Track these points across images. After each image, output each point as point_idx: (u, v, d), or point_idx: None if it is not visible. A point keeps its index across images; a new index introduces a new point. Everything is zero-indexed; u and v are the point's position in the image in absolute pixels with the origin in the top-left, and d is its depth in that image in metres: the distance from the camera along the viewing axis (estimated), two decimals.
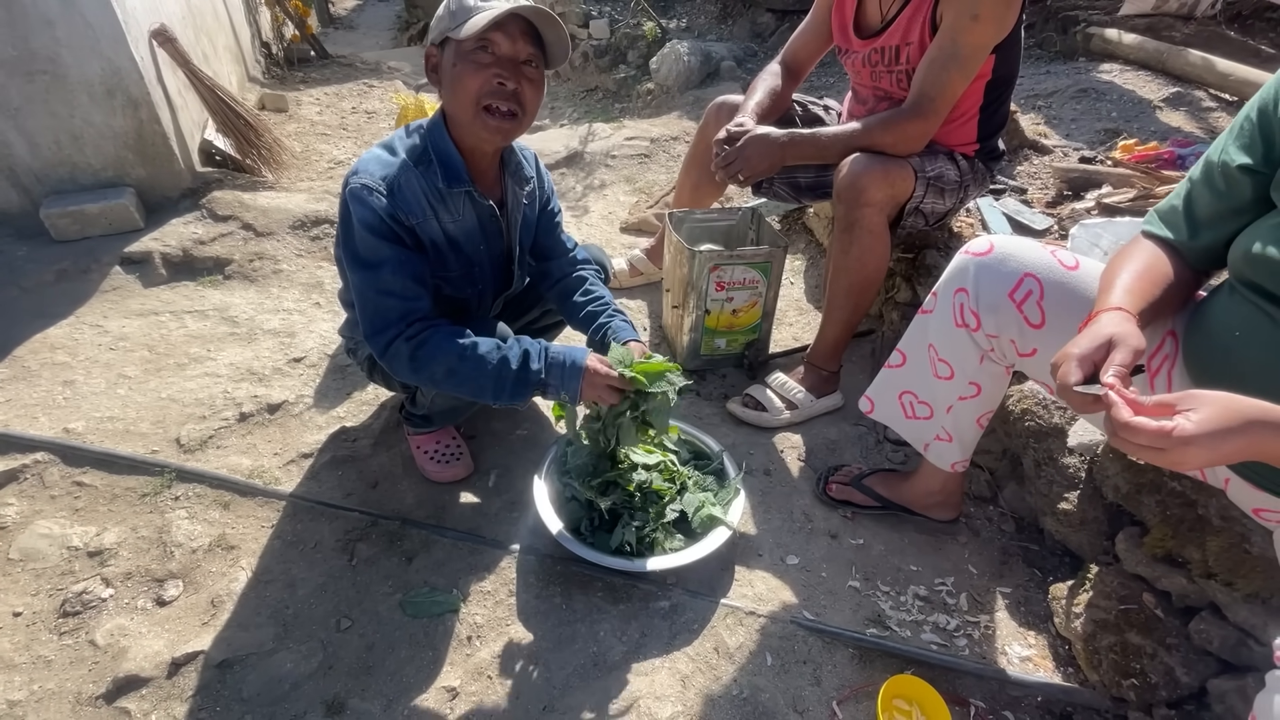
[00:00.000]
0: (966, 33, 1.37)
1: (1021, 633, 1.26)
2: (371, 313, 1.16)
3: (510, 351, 1.17)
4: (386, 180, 1.14)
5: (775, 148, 1.52)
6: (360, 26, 8.56)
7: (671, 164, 3.06)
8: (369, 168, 1.15)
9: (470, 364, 1.15)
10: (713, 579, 1.33)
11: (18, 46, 2.05)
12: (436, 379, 1.17)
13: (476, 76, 1.10)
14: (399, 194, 1.15)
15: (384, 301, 1.15)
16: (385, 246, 1.14)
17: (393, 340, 1.15)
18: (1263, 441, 0.65)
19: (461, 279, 1.29)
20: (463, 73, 1.11)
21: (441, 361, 1.15)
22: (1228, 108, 2.38)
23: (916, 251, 1.83)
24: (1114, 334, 0.79)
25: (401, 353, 1.14)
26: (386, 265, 1.14)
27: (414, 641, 1.22)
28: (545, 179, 1.45)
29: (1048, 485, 1.32)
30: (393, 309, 1.15)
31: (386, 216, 1.13)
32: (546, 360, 1.19)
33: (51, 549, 1.36)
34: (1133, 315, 0.83)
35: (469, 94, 1.12)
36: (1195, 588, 1.03)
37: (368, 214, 1.12)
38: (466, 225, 1.25)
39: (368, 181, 1.13)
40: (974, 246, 1.12)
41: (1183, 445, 0.65)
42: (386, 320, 1.15)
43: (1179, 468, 0.69)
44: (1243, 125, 0.87)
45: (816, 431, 1.70)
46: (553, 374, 1.19)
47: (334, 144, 3.38)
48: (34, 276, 2.12)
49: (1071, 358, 0.79)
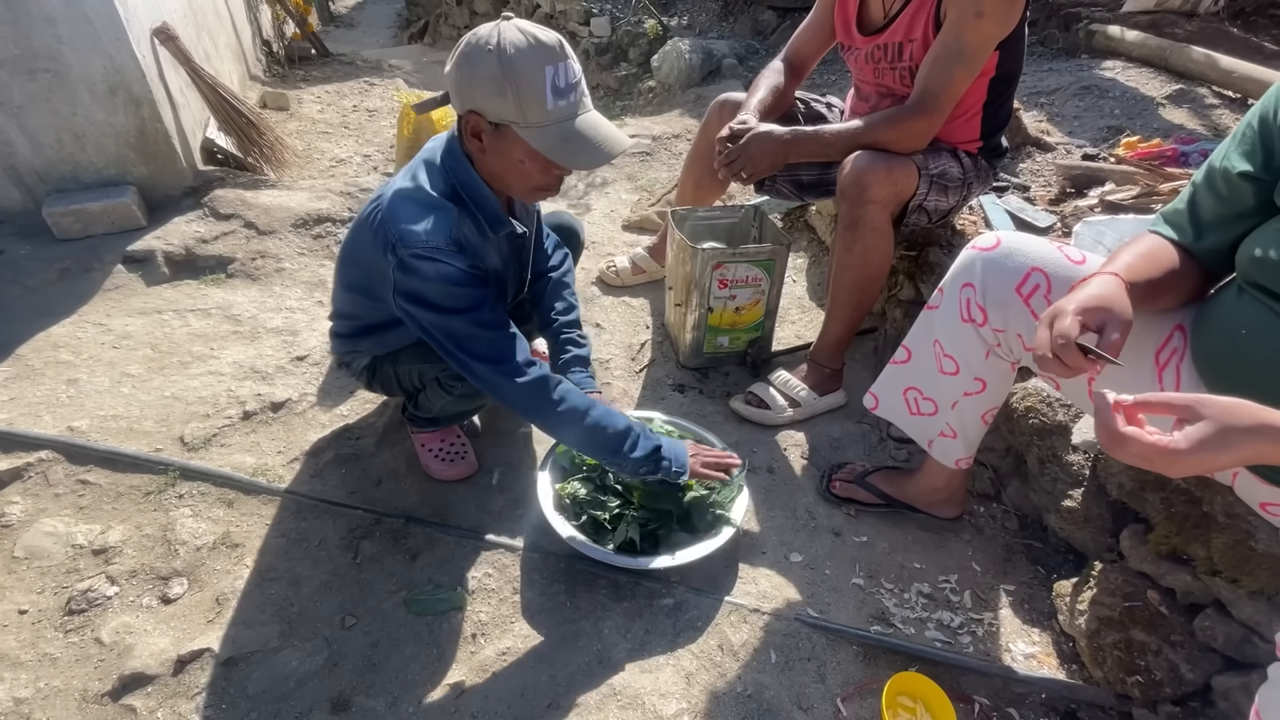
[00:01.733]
0: (970, 29, 1.37)
1: (1025, 630, 1.26)
2: (484, 348, 1.13)
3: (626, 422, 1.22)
4: (453, 238, 1.09)
5: (778, 145, 1.51)
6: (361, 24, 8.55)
7: (673, 162, 3.06)
8: (423, 229, 1.07)
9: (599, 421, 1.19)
10: (717, 576, 1.33)
11: (20, 45, 2.04)
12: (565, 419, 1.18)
13: (543, 177, 1.11)
14: (468, 246, 1.12)
15: (493, 335, 1.13)
16: (476, 290, 1.11)
17: (526, 366, 1.14)
18: (1259, 449, 0.65)
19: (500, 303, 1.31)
20: (531, 171, 1.09)
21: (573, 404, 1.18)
22: (1231, 105, 2.37)
23: (919, 249, 1.83)
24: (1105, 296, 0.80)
25: (544, 384, 1.15)
26: (484, 304, 1.12)
27: (418, 639, 1.22)
28: None
29: (1051, 482, 1.32)
30: (505, 339, 1.14)
31: (469, 269, 1.10)
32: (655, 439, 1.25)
33: (56, 547, 1.36)
34: (1124, 282, 0.84)
35: (530, 183, 1.12)
36: (1200, 585, 1.03)
37: (450, 271, 1.07)
38: (505, 256, 1.28)
39: (437, 244, 1.07)
40: (981, 242, 1.12)
41: (1172, 460, 0.66)
42: (505, 351, 1.13)
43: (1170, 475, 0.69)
44: (1244, 132, 0.87)
45: (820, 429, 1.70)
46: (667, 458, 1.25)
47: (335, 142, 3.38)
48: (37, 275, 2.12)
49: (1068, 313, 0.79)
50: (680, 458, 1.27)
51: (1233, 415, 0.66)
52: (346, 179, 2.85)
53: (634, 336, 2.02)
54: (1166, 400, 0.69)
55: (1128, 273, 0.86)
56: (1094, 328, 0.79)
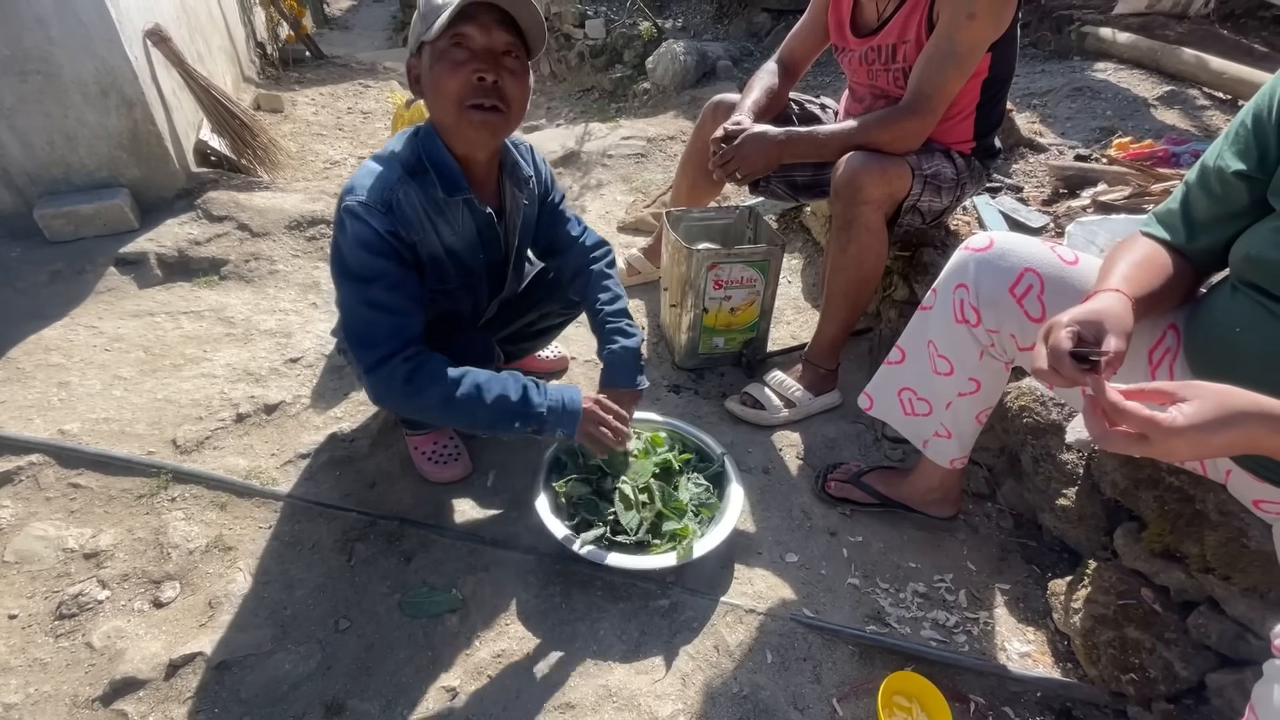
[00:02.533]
0: (963, 31, 1.38)
1: (1020, 629, 1.27)
2: (359, 326, 1.12)
3: (509, 384, 1.15)
4: (383, 197, 1.10)
5: (772, 146, 1.52)
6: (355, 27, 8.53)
7: (668, 163, 3.06)
8: (365, 183, 1.11)
9: (470, 393, 1.12)
10: (712, 577, 1.33)
11: (10, 46, 2.03)
12: (429, 406, 1.13)
13: (454, 75, 1.06)
14: (398, 210, 1.11)
15: (374, 315, 1.10)
16: (380, 262, 1.10)
17: (386, 358, 1.09)
18: (1254, 435, 0.65)
19: (460, 290, 1.28)
20: (440, 74, 1.06)
21: (439, 388, 1.11)
22: (1221, 106, 2.39)
23: (913, 249, 1.84)
24: (1104, 310, 0.79)
25: (397, 374, 1.09)
26: (380, 280, 1.10)
27: (413, 642, 1.21)
28: (544, 172, 1.41)
29: (1046, 481, 1.32)
30: (383, 324, 1.10)
31: (385, 233, 1.09)
32: (545, 397, 1.18)
33: (47, 551, 1.35)
34: (1129, 299, 0.83)
35: (450, 96, 1.07)
36: (1193, 582, 1.04)
37: (365, 230, 1.08)
38: (466, 236, 1.23)
39: (364, 199, 1.09)
40: (974, 243, 1.12)
41: (1168, 436, 0.65)
42: (375, 336, 1.10)
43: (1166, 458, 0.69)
44: (1238, 131, 0.87)
45: (815, 429, 1.70)
46: (551, 414, 1.17)
47: (330, 144, 3.37)
48: (28, 278, 2.11)
49: (1062, 325, 0.79)
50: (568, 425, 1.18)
51: (1228, 395, 0.66)
52: (340, 181, 2.85)
53: None
54: (1159, 387, 0.69)
55: (1130, 287, 0.85)
56: (1090, 339, 0.78)
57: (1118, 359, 0.76)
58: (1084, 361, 0.76)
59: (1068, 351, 0.76)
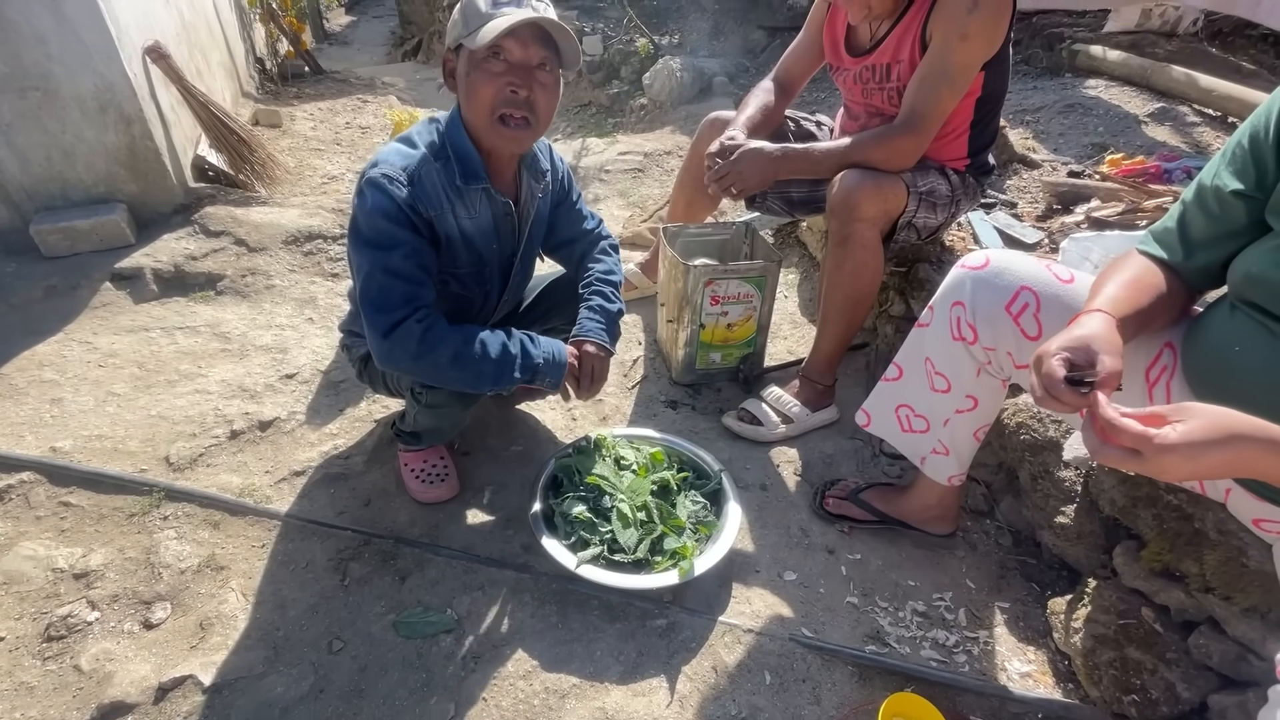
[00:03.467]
0: (956, 52, 1.39)
1: (1021, 648, 1.26)
2: (376, 292, 1.14)
3: (507, 339, 1.22)
4: (407, 171, 1.15)
5: (769, 162, 1.53)
6: (354, 42, 8.60)
7: (665, 178, 3.08)
8: (390, 158, 1.16)
9: (476, 348, 1.17)
10: (710, 596, 1.31)
11: (9, 63, 2.04)
12: (440, 363, 1.17)
13: (490, 85, 1.12)
14: (419, 185, 1.15)
15: (390, 282, 1.14)
16: (400, 231, 1.14)
17: (401, 320, 1.13)
18: (1250, 457, 0.65)
19: (470, 276, 1.30)
20: (477, 81, 1.12)
21: (449, 344, 1.16)
22: (1212, 122, 2.42)
23: (909, 265, 1.84)
24: (1091, 334, 0.79)
25: (411, 333, 1.13)
26: (399, 249, 1.14)
27: (407, 663, 1.20)
28: (560, 168, 1.44)
29: (1044, 499, 1.32)
30: (399, 290, 1.14)
31: (405, 205, 1.13)
32: (539, 346, 1.25)
33: (36, 571, 1.33)
34: (1114, 319, 0.84)
35: (484, 103, 1.13)
36: (1193, 602, 1.03)
37: (385, 201, 1.12)
38: (481, 222, 1.26)
39: (388, 171, 1.13)
40: (970, 260, 1.13)
41: (1161, 452, 0.66)
42: (391, 301, 1.14)
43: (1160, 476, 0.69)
44: (1235, 151, 0.87)
45: (812, 445, 1.69)
46: (546, 362, 1.25)
47: (328, 159, 3.38)
48: (22, 293, 2.10)
49: (1052, 354, 0.79)
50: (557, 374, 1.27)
51: (1225, 416, 0.66)
52: (338, 196, 2.85)
53: (626, 353, 2.01)
54: (1156, 411, 0.69)
55: (1115, 308, 0.86)
56: (1082, 363, 0.78)
57: (1114, 377, 0.77)
58: (1080, 385, 0.76)
59: (1062, 378, 0.76)
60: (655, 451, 1.47)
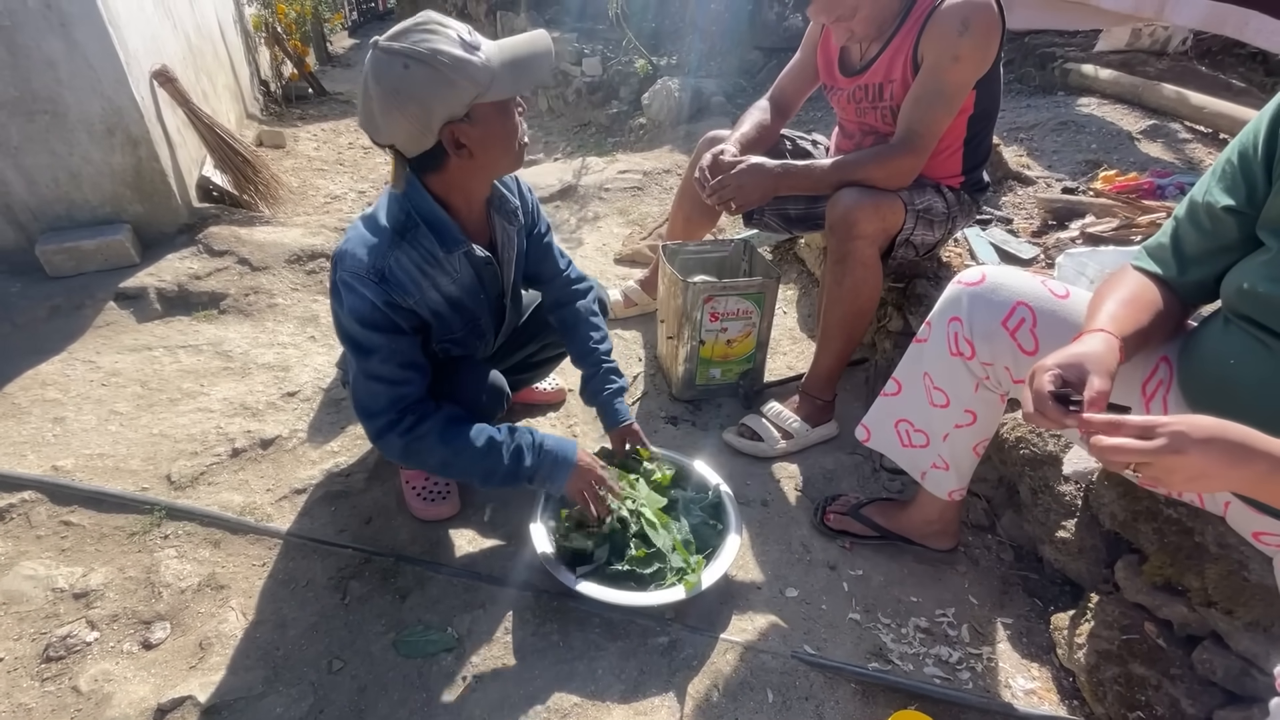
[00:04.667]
0: (948, 72, 1.42)
1: (1025, 664, 1.25)
2: (362, 396, 1.16)
3: (504, 446, 1.19)
4: (375, 266, 1.10)
5: (769, 178, 1.55)
6: (357, 64, 8.72)
7: (664, 196, 3.11)
8: (356, 252, 1.10)
9: (463, 459, 1.17)
10: (711, 613, 1.31)
11: (19, 87, 2.08)
12: (430, 466, 1.22)
13: (518, 123, 1.12)
14: (390, 277, 1.11)
15: (372, 386, 1.14)
16: (375, 335, 1.12)
17: (384, 431, 1.15)
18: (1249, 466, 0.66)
19: (467, 335, 1.29)
20: (507, 127, 1.10)
21: (435, 455, 1.17)
22: (1203, 139, 2.45)
23: (907, 281, 1.86)
24: (1086, 353, 0.80)
25: (394, 445, 1.15)
26: (377, 353, 1.12)
27: (408, 683, 1.19)
28: (530, 200, 1.42)
29: (1045, 513, 1.32)
30: (381, 394, 1.14)
31: (380, 304, 1.10)
32: (538, 456, 1.22)
33: (36, 591, 1.33)
34: (1116, 339, 0.84)
35: (515, 139, 1.12)
36: (1196, 616, 1.03)
37: (358, 303, 1.10)
38: (465, 282, 1.24)
39: (357, 270, 1.09)
40: (966, 277, 1.14)
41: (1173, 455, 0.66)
42: (376, 405, 1.15)
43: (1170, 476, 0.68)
44: (1225, 168, 0.89)
45: (813, 461, 1.69)
46: (542, 470, 1.22)
47: (330, 179, 3.42)
48: (27, 312, 2.12)
49: (1045, 369, 0.80)
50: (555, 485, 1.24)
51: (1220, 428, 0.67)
52: (341, 215, 2.88)
53: (626, 369, 2.02)
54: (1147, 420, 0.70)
55: (1117, 327, 0.86)
56: (1074, 381, 0.79)
57: (1101, 399, 0.77)
58: (1066, 403, 0.77)
59: (1049, 394, 0.77)
60: (664, 474, 1.46)
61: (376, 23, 13.29)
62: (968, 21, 1.38)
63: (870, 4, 1.45)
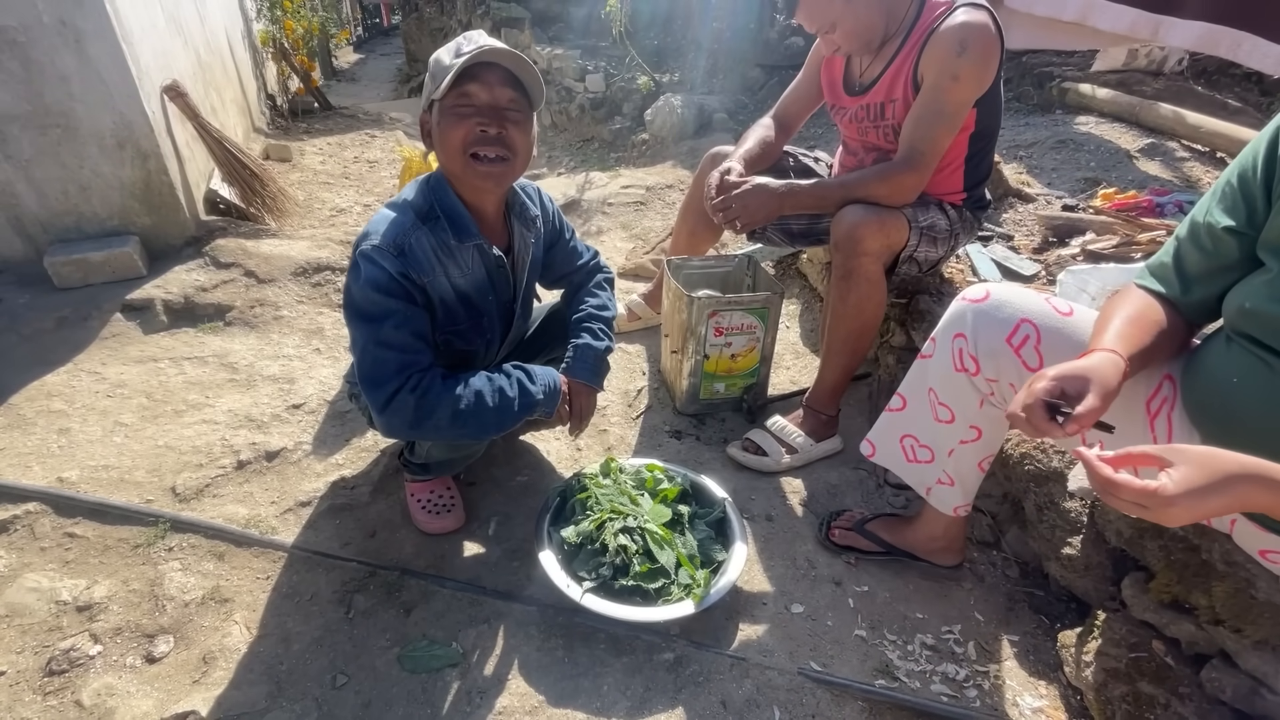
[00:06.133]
0: (948, 91, 1.44)
1: (1032, 682, 1.24)
2: (369, 365, 1.16)
3: (504, 382, 1.23)
4: (396, 241, 1.16)
5: (774, 198, 1.57)
6: (362, 79, 8.82)
7: (666, 211, 3.13)
8: (379, 229, 1.17)
9: (473, 401, 1.18)
10: (717, 629, 1.30)
11: (32, 101, 2.11)
12: (441, 427, 1.18)
13: (459, 127, 1.13)
14: (409, 253, 1.16)
15: (382, 354, 1.15)
16: (391, 301, 1.15)
17: (395, 393, 1.14)
18: (1246, 495, 0.67)
19: (471, 331, 1.31)
20: (447, 127, 1.14)
21: (446, 406, 1.16)
22: (1200, 157, 2.48)
23: (910, 297, 1.87)
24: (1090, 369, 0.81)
25: (406, 404, 1.14)
26: (390, 319, 1.15)
27: (412, 698, 1.18)
28: (551, 210, 1.47)
29: (1050, 530, 1.32)
30: (390, 361, 1.15)
31: (397, 275, 1.14)
32: (536, 380, 1.28)
33: (39, 603, 1.33)
34: (1123, 358, 0.85)
35: (455, 145, 1.15)
36: (1204, 634, 1.03)
37: (377, 272, 1.14)
38: (476, 277, 1.27)
39: (378, 243, 1.15)
40: (970, 294, 1.15)
41: (1165, 505, 0.67)
42: (385, 373, 1.15)
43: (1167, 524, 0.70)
44: (1225, 189, 0.91)
45: (817, 475, 1.70)
46: (546, 393, 1.29)
47: (336, 192, 3.45)
48: (34, 323, 2.13)
49: (1046, 376, 0.81)
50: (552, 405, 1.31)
51: (1214, 458, 0.68)
52: (346, 228, 2.90)
53: (630, 383, 2.03)
54: (1146, 451, 0.71)
55: (1123, 346, 0.88)
56: (1073, 395, 0.80)
57: (1089, 418, 0.79)
58: (1054, 413, 0.77)
59: (1041, 400, 0.78)
60: (670, 489, 1.46)
61: (381, 38, 13.46)
62: (965, 42, 1.41)
63: (851, 19, 1.48)
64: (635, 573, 1.27)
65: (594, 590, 1.25)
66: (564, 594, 1.25)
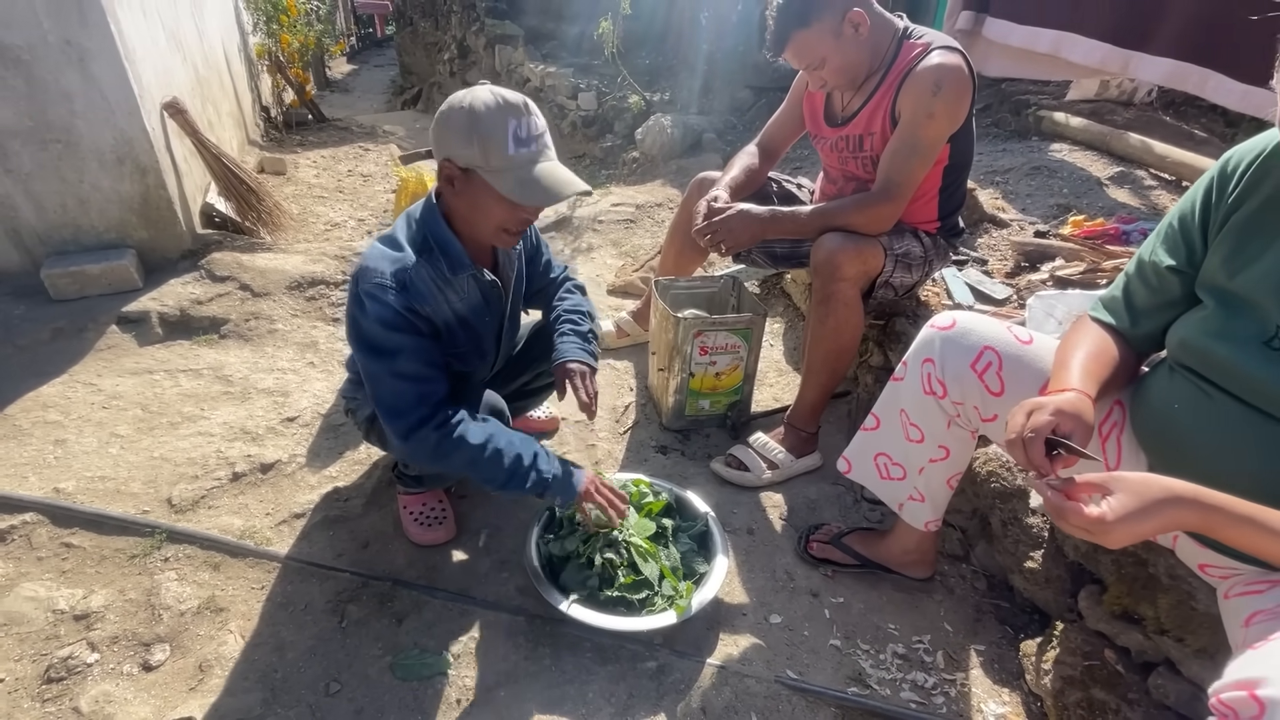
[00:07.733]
0: (923, 128, 1.53)
1: (996, 690, 1.31)
2: (389, 396, 1.20)
3: (528, 450, 1.27)
4: (397, 276, 1.19)
5: (757, 223, 1.64)
6: (355, 90, 8.86)
7: (656, 229, 3.21)
8: (378, 265, 1.19)
9: (491, 457, 1.22)
10: (699, 639, 1.36)
11: (35, 117, 2.15)
12: (454, 466, 1.24)
13: (506, 214, 1.20)
14: (411, 287, 1.20)
15: (400, 386, 1.19)
16: (401, 336, 1.18)
17: (417, 426, 1.18)
18: (1176, 517, 0.74)
19: (470, 352, 1.36)
20: (491, 205, 1.18)
21: (465, 452, 1.21)
22: (1167, 186, 2.59)
23: (887, 319, 1.95)
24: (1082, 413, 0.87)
25: (427, 441, 1.19)
26: (402, 353, 1.19)
27: (403, 705, 1.23)
28: (531, 231, 1.53)
29: (1014, 544, 1.39)
30: (408, 393, 1.20)
31: (403, 310, 1.18)
32: (554, 464, 1.31)
33: (37, 612, 1.35)
34: (1091, 399, 0.92)
35: (494, 221, 1.21)
36: (1151, 644, 1.10)
37: (383, 310, 1.17)
38: (472, 301, 1.33)
39: (381, 280, 1.18)
40: (938, 321, 1.22)
41: (1106, 531, 0.74)
42: (404, 404, 1.19)
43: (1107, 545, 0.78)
44: (1167, 230, 0.99)
45: (797, 490, 1.76)
46: (559, 477, 1.30)
47: (330, 206, 3.49)
48: (29, 335, 2.15)
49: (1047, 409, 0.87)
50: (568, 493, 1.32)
51: (1145, 486, 0.75)
52: (341, 242, 2.95)
53: (618, 399, 2.09)
54: (1090, 479, 0.78)
55: (1091, 385, 0.94)
56: (1064, 431, 0.86)
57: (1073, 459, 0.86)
58: (1053, 449, 0.84)
59: (1045, 436, 0.84)
60: (655, 502, 1.52)
61: (374, 48, 13.53)
62: (940, 83, 1.49)
63: (839, 56, 1.56)
64: (620, 584, 1.32)
65: (581, 601, 1.30)
66: (552, 604, 1.30)
